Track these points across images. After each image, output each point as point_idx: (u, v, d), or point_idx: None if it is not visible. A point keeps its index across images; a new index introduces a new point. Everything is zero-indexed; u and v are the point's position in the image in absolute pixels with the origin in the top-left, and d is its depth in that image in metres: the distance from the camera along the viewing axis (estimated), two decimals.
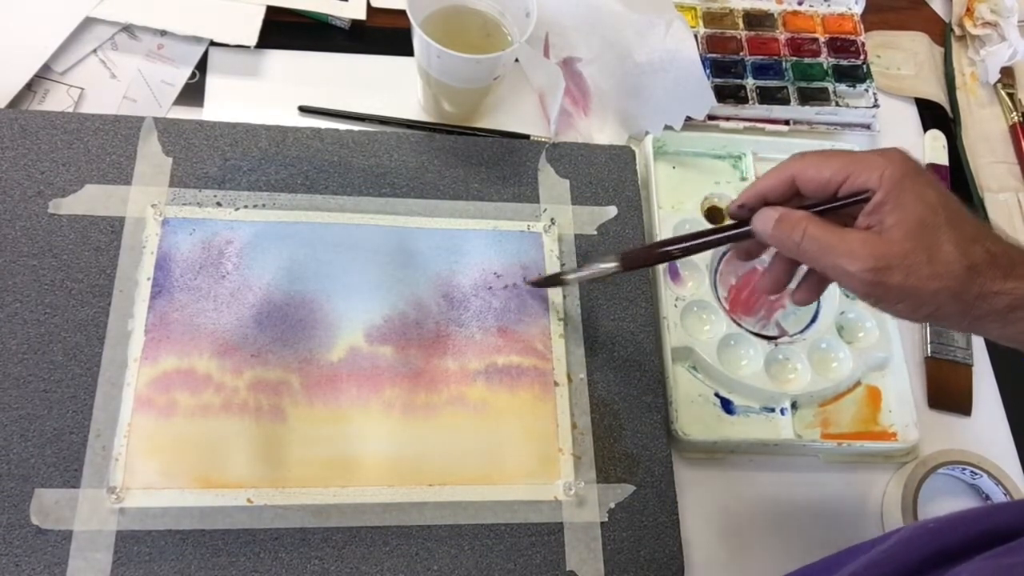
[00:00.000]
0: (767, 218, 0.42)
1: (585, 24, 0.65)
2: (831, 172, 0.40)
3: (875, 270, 0.38)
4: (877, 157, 0.40)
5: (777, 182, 0.42)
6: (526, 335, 0.56)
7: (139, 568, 0.46)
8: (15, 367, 0.50)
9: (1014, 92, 0.76)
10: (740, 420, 0.58)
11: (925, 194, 0.39)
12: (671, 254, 0.47)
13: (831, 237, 0.40)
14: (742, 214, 0.44)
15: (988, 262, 0.38)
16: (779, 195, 0.42)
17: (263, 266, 0.54)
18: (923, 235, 0.38)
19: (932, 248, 0.38)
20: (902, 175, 0.39)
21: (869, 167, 0.39)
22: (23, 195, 0.54)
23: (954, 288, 0.38)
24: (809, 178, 0.41)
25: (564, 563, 0.50)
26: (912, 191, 0.39)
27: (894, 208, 0.39)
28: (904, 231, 0.38)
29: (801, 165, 0.42)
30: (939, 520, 0.37)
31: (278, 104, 0.63)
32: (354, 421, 0.51)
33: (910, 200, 0.38)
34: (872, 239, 0.39)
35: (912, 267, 0.38)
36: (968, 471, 0.57)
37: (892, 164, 0.39)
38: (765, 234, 0.42)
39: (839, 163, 0.40)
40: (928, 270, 0.38)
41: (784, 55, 0.71)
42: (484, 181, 0.60)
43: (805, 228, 0.40)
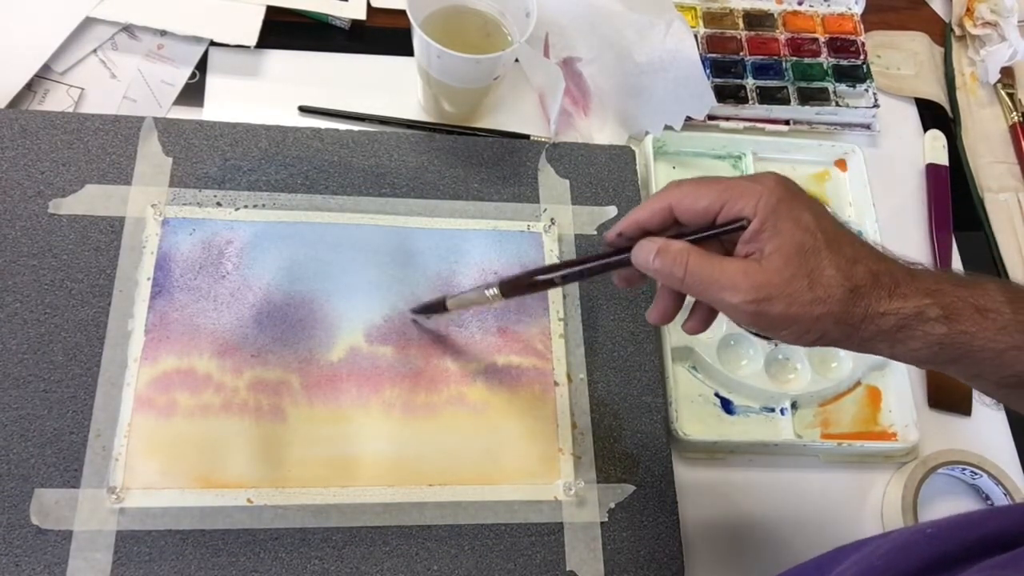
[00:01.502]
0: (647, 250, 0.41)
1: (585, 24, 0.65)
2: (707, 201, 0.40)
3: (756, 301, 0.37)
4: (752, 184, 0.39)
5: (654, 212, 0.41)
6: (526, 335, 0.56)
7: (139, 568, 0.46)
8: (15, 367, 0.50)
9: (1014, 92, 0.76)
10: (740, 420, 0.58)
11: (802, 218, 0.38)
12: (552, 281, 0.45)
13: (712, 270, 0.39)
14: (620, 243, 0.43)
15: (871, 283, 0.38)
16: (657, 224, 0.42)
17: (263, 266, 0.54)
18: (803, 260, 0.37)
19: (813, 273, 0.37)
20: (777, 201, 0.38)
21: (744, 194, 0.39)
22: (23, 195, 0.54)
23: (837, 312, 0.37)
24: (686, 207, 0.40)
25: (564, 563, 0.50)
26: (788, 216, 0.38)
27: (772, 235, 0.38)
28: (783, 258, 0.38)
29: (678, 194, 0.41)
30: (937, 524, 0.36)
31: (278, 104, 0.63)
32: (354, 421, 0.51)
33: (787, 226, 0.38)
34: (752, 269, 0.38)
35: (794, 295, 0.37)
36: (968, 471, 0.57)
37: (767, 191, 0.38)
38: (645, 267, 0.41)
39: (714, 191, 0.40)
40: (810, 295, 0.37)
41: (784, 55, 0.71)
42: (484, 181, 0.60)
43: (687, 262, 0.39)
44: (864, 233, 0.64)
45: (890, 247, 0.41)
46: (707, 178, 0.42)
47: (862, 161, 0.67)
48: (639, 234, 0.42)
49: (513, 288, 0.47)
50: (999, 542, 0.34)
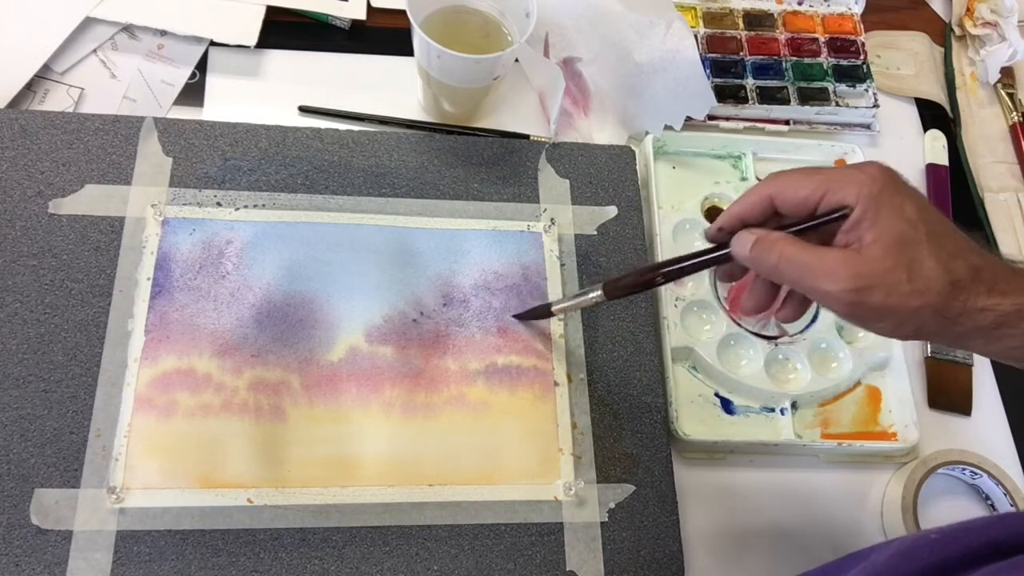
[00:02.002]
0: (744, 241, 0.41)
1: (585, 24, 0.65)
2: (808, 190, 0.40)
3: (855, 290, 0.37)
4: (855, 172, 0.39)
5: (754, 203, 0.42)
6: (526, 335, 0.56)
7: (139, 568, 0.46)
8: (15, 367, 0.50)
9: (1014, 92, 0.76)
10: (740, 420, 0.58)
11: (904, 209, 0.38)
12: (654, 280, 0.46)
13: (809, 257, 0.39)
14: (721, 237, 0.43)
15: (971, 277, 0.37)
16: (757, 216, 0.42)
17: (263, 266, 0.54)
18: (903, 251, 0.37)
19: (913, 264, 0.37)
20: (880, 190, 0.38)
21: (846, 183, 0.39)
22: (23, 195, 0.54)
23: (936, 305, 0.37)
24: (786, 198, 0.41)
25: (564, 563, 0.50)
26: (890, 206, 0.38)
27: (872, 224, 0.38)
28: (883, 248, 0.37)
29: (778, 185, 0.41)
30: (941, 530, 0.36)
31: (278, 104, 0.63)
32: (354, 421, 0.51)
33: (888, 216, 0.38)
34: (851, 257, 0.38)
35: (892, 285, 0.37)
36: (968, 471, 0.57)
37: (870, 179, 0.38)
38: (743, 256, 0.41)
39: (816, 181, 0.40)
40: (909, 287, 0.37)
41: (784, 55, 0.71)
42: (484, 181, 0.60)
43: (782, 250, 0.39)
44: None
45: None
46: (808, 168, 0.42)
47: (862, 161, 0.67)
48: (739, 227, 0.42)
49: (616, 288, 0.48)
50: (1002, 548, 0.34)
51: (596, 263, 0.59)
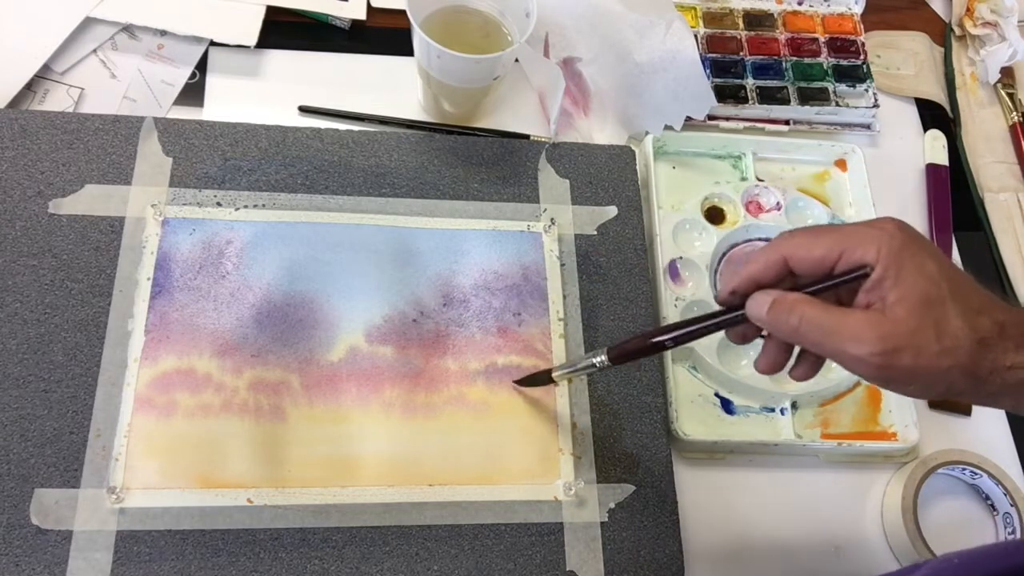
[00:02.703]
0: (760, 303, 0.40)
1: (585, 24, 0.65)
2: (824, 249, 0.39)
3: (883, 353, 0.36)
4: (871, 230, 0.38)
5: (767, 265, 0.40)
6: (526, 335, 0.56)
7: (139, 568, 0.46)
8: (15, 367, 0.50)
9: (1014, 92, 0.76)
10: (740, 420, 0.58)
11: (926, 266, 0.37)
12: (663, 345, 0.44)
13: (831, 320, 0.37)
14: (734, 300, 0.42)
15: (998, 334, 0.36)
16: (771, 278, 0.40)
17: (263, 266, 0.54)
18: (928, 311, 0.36)
19: (939, 324, 0.36)
20: (900, 247, 0.37)
21: (865, 241, 0.38)
22: (23, 195, 0.54)
23: (965, 364, 0.36)
24: (801, 257, 0.39)
25: (564, 563, 0.50)
26: (912, 264, 0.37)
27: (895, 283, 0.37)
28: (908, 308, 0.36)
29: (791, 244, 0.40)
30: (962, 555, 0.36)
31: (278, 104, 0.63)
32: (354, 421, 0.51)
33: (911, 274, 0.36)
34: (876, 319, 0.36)
35: (921, 346, 0.36)
36: (968, 471, 0.57)
37: (889, 236, 0.37)
38: (760, 319, 0.40)
39: (831, 239, 0.39)
40: (937, 347, 0.36)
41: (784, 55, 0.71)
42: (484, 181, 0.60)
43: (802, 312, 0.38)
44: None
45: None
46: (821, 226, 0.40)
47: (862, 161, 0.67)
48: (753, 289, 0.41)
49: (622, 354, 0.46)
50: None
51: (596, 263, 0.59)
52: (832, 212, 0.65)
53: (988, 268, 0.68)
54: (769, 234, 0.64)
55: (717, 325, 0.43)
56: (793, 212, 0.65)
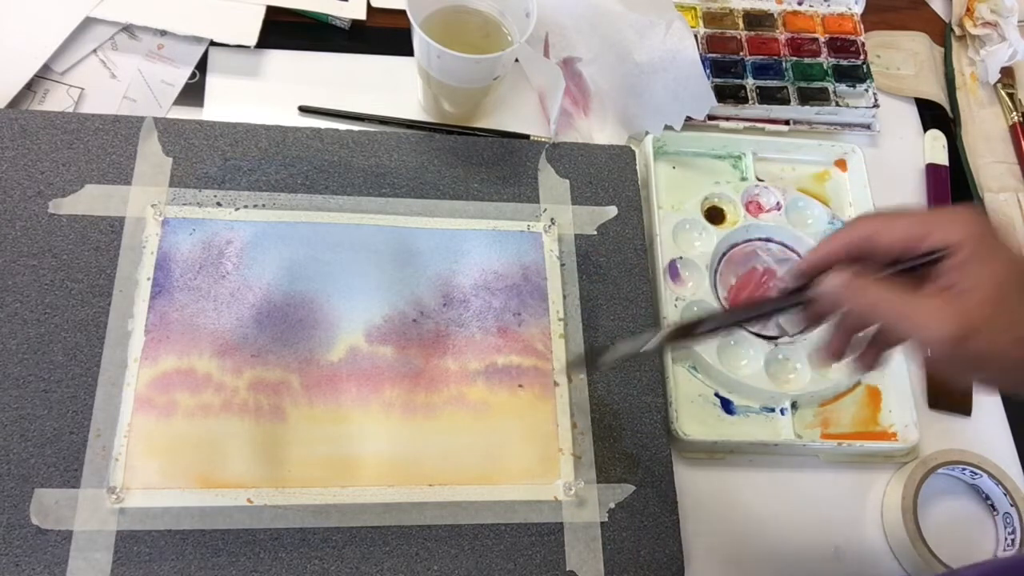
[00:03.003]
0: (837, 281, 0.39)
1: (585, 24, 0.65)
2: (904, 231, 0.38)
3: (958, 338, 0.35)
4: (952, 215, 0.38)
5: (843, 244, 0.40)
6: (526, 335, 0.56)
7: (139, 568, 0.46)
8: (15, 367, 0.50)
9: (1014, 92, 0.76)
10: (740, 420, 0.58)
11: (1004, 254, 0.37)
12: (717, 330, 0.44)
13: (908, 301, 0.37)
14: (802, 282, 0.41)
15: None
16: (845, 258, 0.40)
17: (263, 266, 0.54)
18: (1005, 298, 0.36)
19: (1016, 313, 0.36)
20: (982, 233, 0.37)
21: (946, 225, 0.37)
22: (23, 195, 0.54)
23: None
24: (882, 238, 0.39)
25: (564, 563, 0.50)
26: (990, 251, 0.37)
27: (974, 268, 0.36)
28: (984, 293, 0.36)
29: (873, 224, 0.40)
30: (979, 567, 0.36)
31: (278, 104, 0.63)
32: (354, 421, 0.51)
33: (989, 261, 0.36)
34: (952, 302, 0.36)
35: (996, 332, 0.35)
36: (968, 471, 0.57)
37: (970, 223, 0.37)
38: (835, 298, 0.40)
39: (910, 223, 0.39)
40: (1010, 336, 0.35)
41: (784, 55, 0.71)
42: (484, 181, 0.60)
43: (878, 291, 0.38)
44: None
45: None
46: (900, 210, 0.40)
47: (862, 161, 0.67)
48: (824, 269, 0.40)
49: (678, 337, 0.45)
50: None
51: (596, 263, 0.59)
52: (832, 212, 0.65)
53: None
54: (769, 234, 0.64)
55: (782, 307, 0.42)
56: (793, 212, 0.65)
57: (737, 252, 0.64)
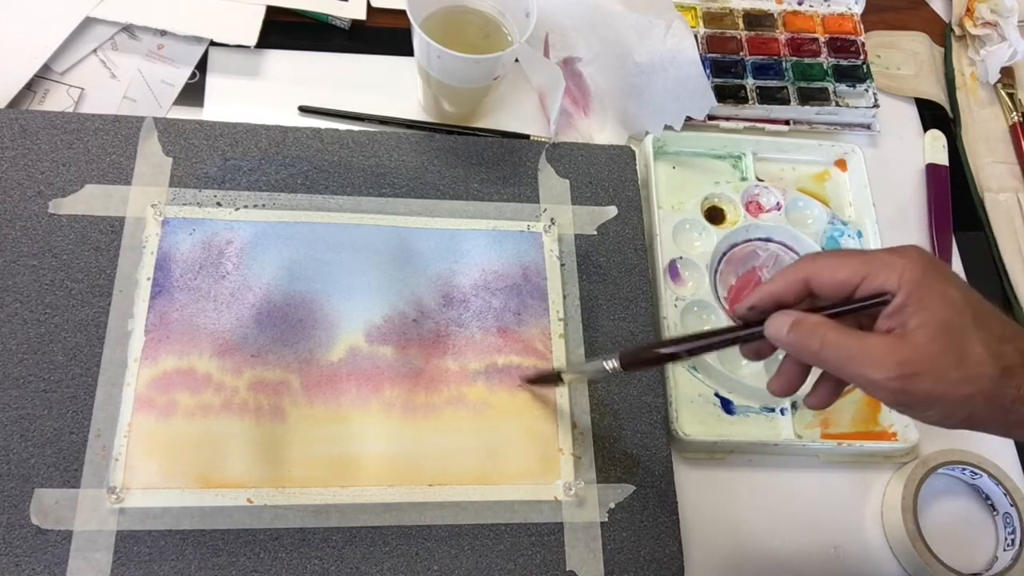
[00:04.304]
0: (780, 323, 0.39)
1: (585, 24, 0.65)
2: (846, 273, 0.39)
3: (901, 377, 0.36)
4: (894, 257, 0.38)
5: (789, 284, 0.40)
6: (526, 335, 0.56)
7: (139, 568, 0.46)
8: (15, 367, 0.50)
9: (1014, 92, 0.76)
10: (740, 420, 0.58)
11: (948, 293, 0.37)
12: (677, 355, 0.44)
13: (852, 343, 0.37)
14: (752, 316, 0.42)
15: (1022, 362, 0.36)
16: (792, 297, 0.40)
17: (263, 266, 0.54)
18: (950, 337, 0.36)
19: (961, 351, 0.36)
20: (922, 274, 0.37)
21: (886, 267, 0.38)
22: (23, 195, 0.54)
23: (988, 392, 0.36)
24: (824, 280, 0.39)
25: (564, 563, 0.50)
26: (934, 291, 0.37)
27: (917, 310, 0.37)
28: (929, 334, 0.36)
29: (814, 267, 0.40)
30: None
31: (278, 104, 0.63)
32: (354, 421, 0.51)
33: (933, 300, 0.37)
34: (896, 344, 0.37)
35: (940, 372, 0.36)
36: (968, 471, 0.57)
37: (911, 263, 0.37)
38: (780, 340, 0.40)
39: (854, 264, 0.39)
40: (957, 374, 0.36)
41: (784, 55, 0.71)
42: (484, 181, 0.60)
43: (824, 335, 0.38)
44: (864, 234, 0.64)
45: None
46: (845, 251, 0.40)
47: (862, 161, 0.67)
48: (772, 307, 0.41)
49: (634, 362, 0.46)
50: None
51: (596, 263, 0.59)
52: (832, 212, 0.65)
53: (988, 268, 0.68)
54: (769, 234, 0.64)
55: (733, 340, 0.42)
56: (793, 212, 0.65)
57: (737, 252, 0.64)
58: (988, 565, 0.56)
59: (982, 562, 0.57)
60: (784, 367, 0.43)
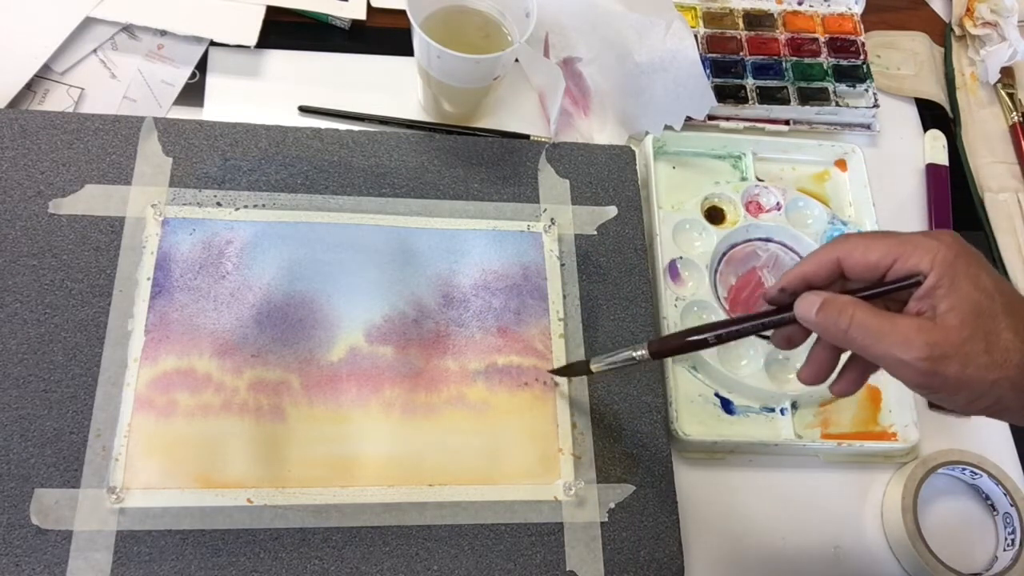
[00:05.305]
0: (810, 303, 0.39)
1: (585, 24, 0.65)
2: (879, 255, 0.39)
3: (931, 359, 0.36)
4: (928, 239, 0.38)
5: (821, 265, 0.40)
6: (526, 335, 0.56)
7: (139, 568, 0.46)
8: (15, 367, 0.50)
9: (1014, 92, 0.76)
10: (740, 420, 0.58)
11: (979, 279, 0.37)
12: (706, 342, 0.44)
13: (882, 324, 0.37)
14: (783, 299, 0.41)
15: None
16: (823, 278, 0.40)
17: (263, 266, 0.54)
18: (980, 322, 0.36)
19: (990, 336, 0.36)
20: (955, 258, 0.37)
21: (919, 249, 0.38)
22: (23, 195, 0.54)
23: (1015, 378, 0.36)
24: (855, 261, 0.39)
25: (564, 563, 0.50)
26: (966, 275, 0.37)
27: (948, 293, 0.37)
28: (960, 318, 0.36)
29: (847, 247, 0.40)
30: None
31: (278, 104, 0.63)
32: (354, 421, 0.51)
33: (964, 285, 0.36)
34: (926, 326, 0.36)
35: (969, 356, 0.36)
36: (968, 471, 0.57)
37: (944, 247, 0.37)
38: (809, 320, 0.39)
39: (887, 245, 0.39)
40: (986, 359, 0.36)
41: (784, 55, 0.71)
42: (484, 181, 0.60)
43: (852, 314, 0.38)
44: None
45: None
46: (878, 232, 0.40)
47: (862, 161, 0.67)
48: (802, 288, 0.41)
49: (663, 350, 0.46)
50: None
51: (596, 263, 0.59)
52: (832, 212, 0.65)
53: None
54: (769, 234, 0.64)
55: (764, 324, 0.42)
56: (793, 212, 0.65)
57: (737, 252, 0.64)
58: (988, 565, 0.56)
59: (982, 562, 0.57)
60: (814, 353, 0.43)
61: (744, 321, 0.43)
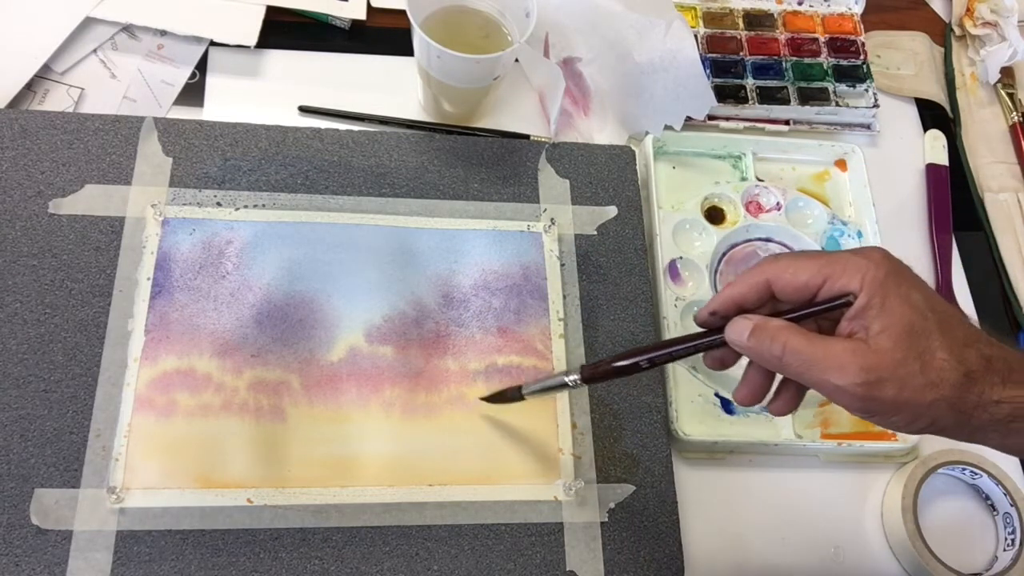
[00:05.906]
0: (741, 328, 0.39)
1: (585, 24, 0.65)
2: (808, 275, 0.38)
3: (866, 384, 0.35)
4: (856, 258, 0.38)
5: (750, 287, 0.39)
6: (526, 335, 0.56)
7: (139, 568, 0.46)
8: (15, 367, 0.50)
9: (1014, 92, 0.76)
10: (740, 420, 0.58)
11: (911, 296, 0.36)
12: (638, 366, 0.43)
13: (815, 350, 0.36)
14: (714, 322, 0.41)
15: (984, 368, 0.36)
16: (753, 301, 0.40)
17: (263, 266, 0.54)
18: (913, 342, 0.35)
19: (924, 356, 0.35)
20: (885, 276, 0.36)
21: (849, 269, 0.37)
22: (23, 195, 0.54)
23: (951, 398, 0.35)
24: (785, 283, 0.39)
25: (564, 563, 0.50)
26: (896, 294, 0.36)
27: (879, 313, 0.36)
28: (892, 339, 0.36)
29: (775, 269, 0.39)
30: None
31: (278, 104, 0.63)
32: (354, 421, 0.51)
33: (896, 304, 0.36)
34: (860, 349, 0.36)
35: (905, 378, 0.35)
36: (968, 471, 0.57)
37: (873, 265, 0.37)
38: (740, 344, 0.39)
39: (816, 265, 0.38)
40: (922, 380, 0.35)
41: (784, 55, 0.71)
42: (484, 181, 0.60)
43: (786, 341, 0.37)
44: (864, 234, 0.64)
45: (890, 247, 0.40)
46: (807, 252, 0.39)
47: (862, 161, 0.67)
48: (733, 311, 0.40)
49: (595, 375, 0.45)
50: None
51: (596, 263, 0.59)
52: (832, 212, 0.65)
53: (988, 268, 0.68)
54: (769, 234, 0.64)
55: (695, 348, 0.41)
56: (793, 212, 0.65)
57: (737, 252, 0.64)
58: (988, 565, 0.56)
59: (982, 562, 0.57)
60: (748, 375, 0.42)
61: (676, 344, 0.42)
